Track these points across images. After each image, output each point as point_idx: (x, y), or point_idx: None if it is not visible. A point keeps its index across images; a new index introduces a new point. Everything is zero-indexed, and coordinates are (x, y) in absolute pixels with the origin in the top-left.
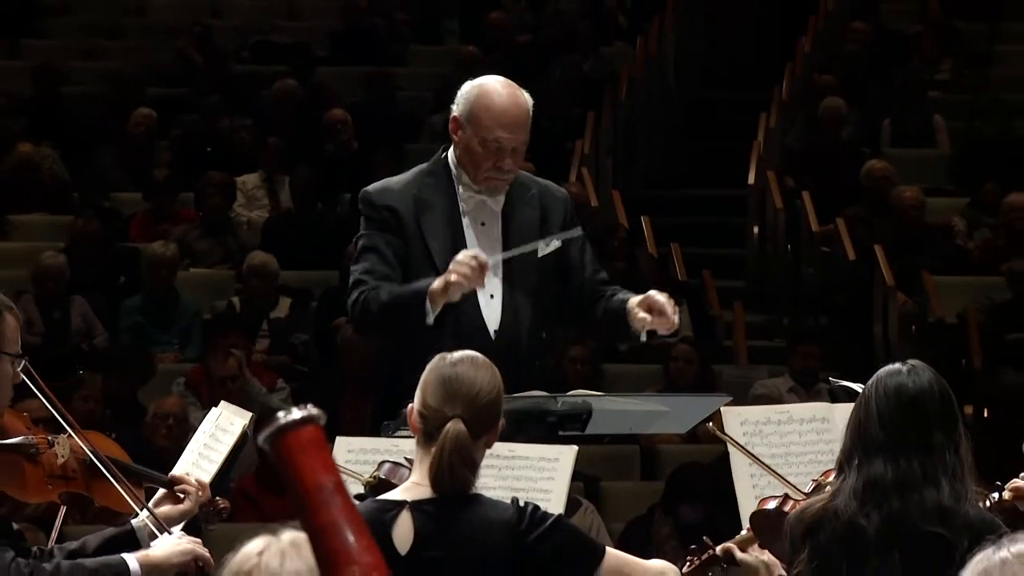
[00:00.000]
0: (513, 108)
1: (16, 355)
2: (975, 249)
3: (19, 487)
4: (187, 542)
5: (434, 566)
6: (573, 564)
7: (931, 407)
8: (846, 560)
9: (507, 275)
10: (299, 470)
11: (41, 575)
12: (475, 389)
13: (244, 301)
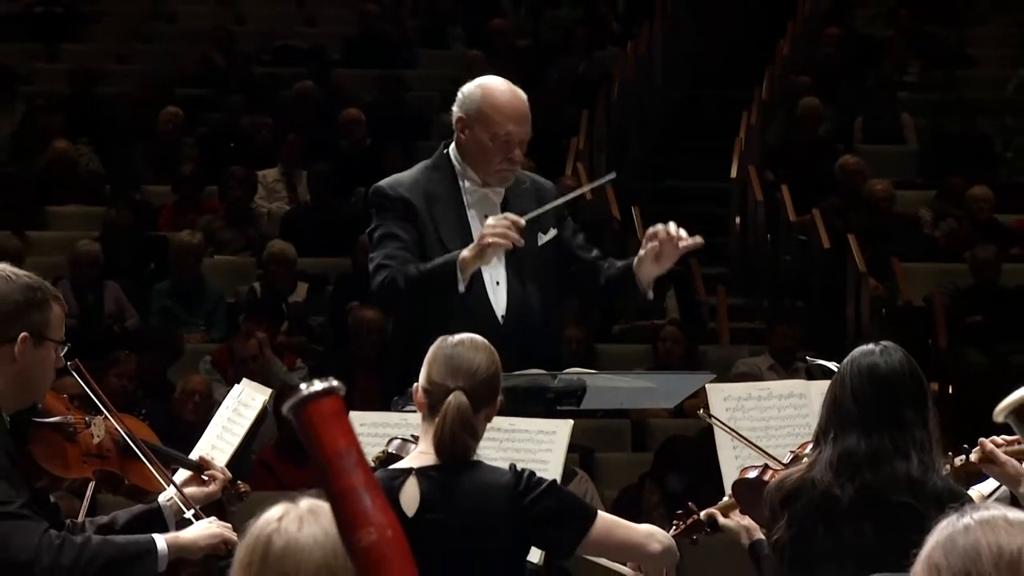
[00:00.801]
0: (518, 103)
1: (60, 342)
2: (941, 238)
3: (57, 464)
4: (216, 526)
5: (439, 526)
6: (567, 524)
7: (902, 385)
8: (822, 527)
9: (511, 263)
10: (321, 438)
11: (71, 546)
12: (475, 366)
13: (265, 286)
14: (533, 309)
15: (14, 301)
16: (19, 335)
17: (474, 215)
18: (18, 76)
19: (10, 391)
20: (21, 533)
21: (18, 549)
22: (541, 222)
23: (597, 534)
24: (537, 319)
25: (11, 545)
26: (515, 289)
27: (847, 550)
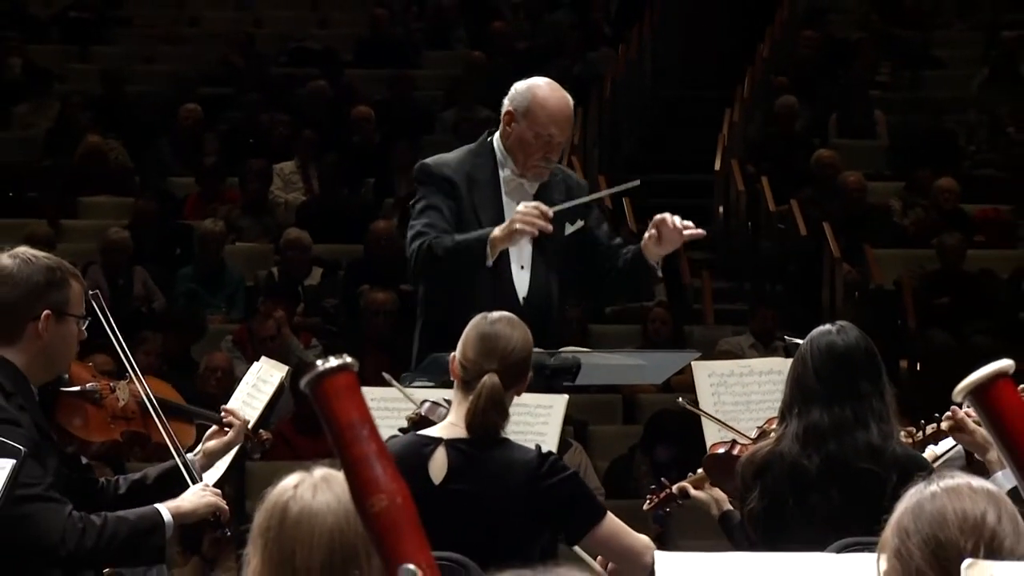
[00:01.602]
0: (565, 109)
1: (81, 316)
2: (910, 226)
3: (85, 428)
4: (211, 495)
5: (462, 497)
6: (577, 515)
7: (858, 360)
8: (792, 496)
9: (537, 250)
10: (335, 410)
11: (91, 528)
12: (510, 346)
13: (282, 271)
14: (551, 294)
15: (35, 282)
16: (42, 313)
17: (509, 202)
18: (53, 76)
19: (37, 365)
20: (46, 516)
21: (43, 532)
22: (569, 214)
23: (603, 533)
24: (553, 303)
25: (37, 528)
26: (538, 274)
27: (816, 516)
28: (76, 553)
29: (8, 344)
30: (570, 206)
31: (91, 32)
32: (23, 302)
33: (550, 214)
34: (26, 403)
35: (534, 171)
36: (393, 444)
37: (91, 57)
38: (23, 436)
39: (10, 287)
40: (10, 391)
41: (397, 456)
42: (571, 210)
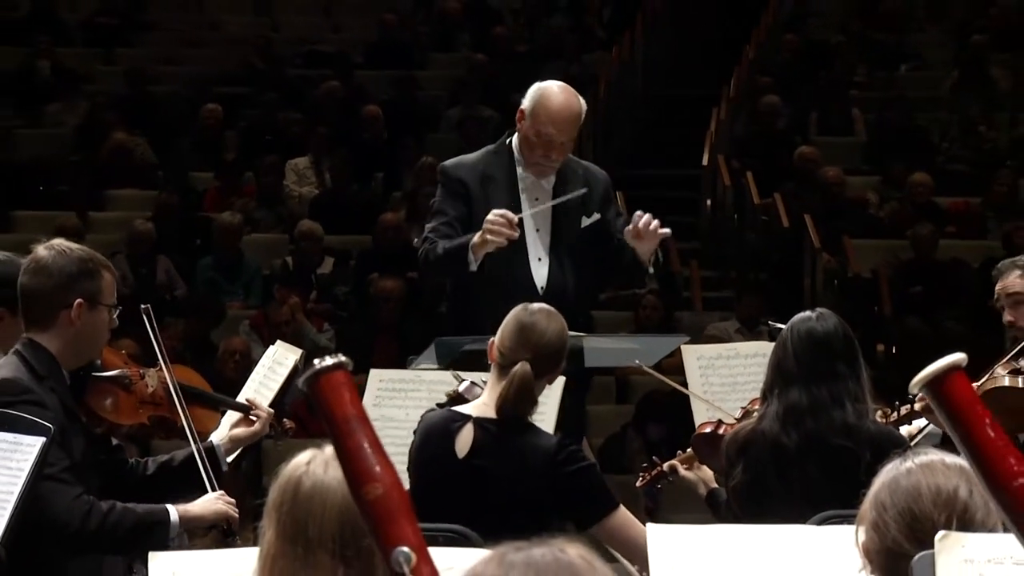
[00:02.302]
0: (565, 110)
1: (112, 305)
2: (885, 217)
3: (115, 411)
4: (222, 504)
5: (482, 472)
6: (590, 505)
7: (836, 345)
8: (773, 471)
9: (554, 243)
10: (331, 405)
11: (97, 514)
12: (545, 337)
13: (296, 260)
14: (570, 283)
15: (69, 272)
16: (75, 301)
17: (525, 199)
18: (81, 77)
19: (69, 351)
20: (57, 497)
21: (51, 511)
22: (586, 206)
23: (613, 523)
24: (573, 292)
25: (46, 507)
26: (555, 265)
27: (795, 489)
28: (79, 534)
29: (43, 330)
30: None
31: (116, 36)
32: (57, 291)
33: (515, 221)
34: (57, 387)
35: (535, 168)
36: (428, 416)
37: (117, 59)
38: (50, 417)
39: (45, 277)
40: (42, 375)
41: (429, 427)
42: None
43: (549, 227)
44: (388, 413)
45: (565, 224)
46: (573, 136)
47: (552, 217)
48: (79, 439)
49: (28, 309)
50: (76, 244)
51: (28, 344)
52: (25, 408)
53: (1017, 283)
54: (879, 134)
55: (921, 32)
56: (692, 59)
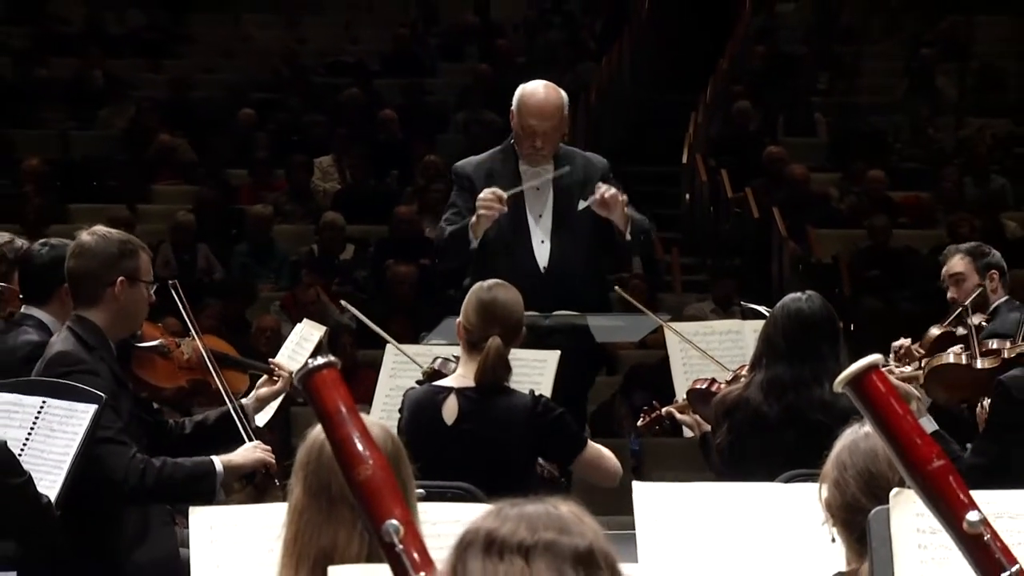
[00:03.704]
0: (542, 103)
1: (150, 282)
2: (845, 210)
3: (156, 376)
4: (260, 451)
5: (471, 435)
6: (565, 445)
7: (820, 327)
8: (753, 435)
9: (555, 226)
10: (323, 399)
11: (152, 469)
12: (507, 311)
13: (320, 248)
14: (573, 263)
15: (110, 253)
16: (117, 279)
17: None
18: (129, 84)
19: (114, 324)
20: (114, 456)
21: (111, 469)
22: (585, 191)
23: (586, 458)
24: (577, 271)
25: (105, 466)
26: (556, 247)
27: (772, 453)
28: (137, 489)
29: (90, 306)
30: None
31: (160, 48)
32: (101, 270)
33: (504, 196)
34: (105, 356)
35: (528, 157)
36: (411, 393)
37: (161, 68)
38: (102, 384)
39: (90, 258)
40: (93, 346)
41: (415, 402)
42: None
43: (551, 212)
44: (402, 383)
45: (565, 209)
46: (557, 125)
47: (553, 203)
48: (127, 402)
49: (76, 288)
50: (115, 230)
51: (77, 320)
52: (79, 377)
53: (959, 265)
54: (839, 135)
55: (876, 45)
56: (673, 69)
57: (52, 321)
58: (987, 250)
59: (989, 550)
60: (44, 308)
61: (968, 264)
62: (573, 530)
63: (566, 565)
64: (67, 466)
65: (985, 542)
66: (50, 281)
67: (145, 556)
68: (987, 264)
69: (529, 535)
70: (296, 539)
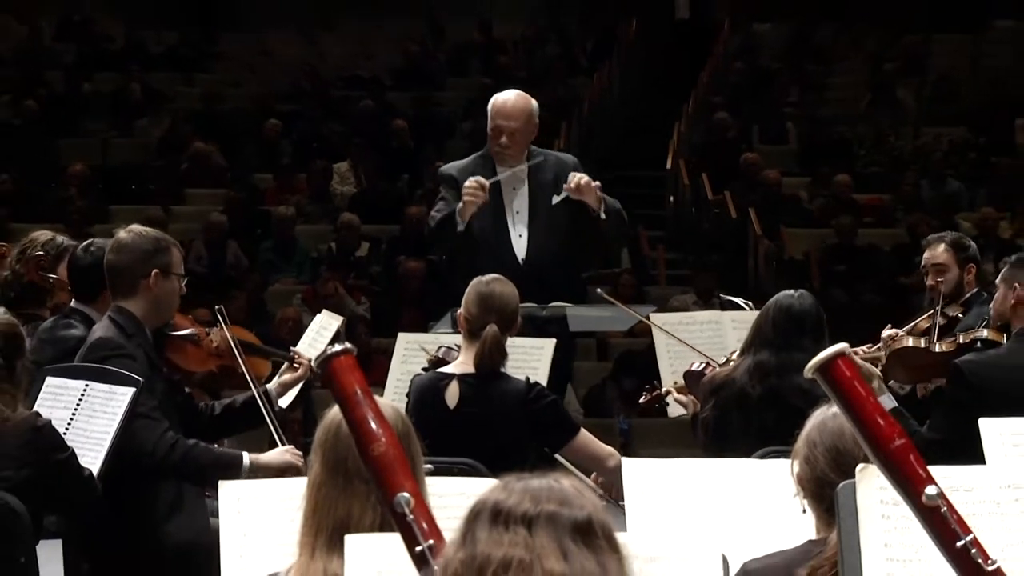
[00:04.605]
0: (508, 105)
1: (181, 275)
2: (815, 211)
3: (188, 361)
4: (290, 455)
5: (471, 418)
6: (557, 430)
7: (808, 322)
8: (736, 413)
9: (532, 221)
10: (341, 382)
11: (182, 446)
12: (503, 302)
13: (338, 245)
14: (549, 254)
15: (144, 249)
16: (152, 272)
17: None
18: (165, 97)
19: (149, 313)
20: (146, 430)
21: (142, 441)
22: (557, 188)
23: (577, 444)
24: (553, 262)
25: (138, 438)
26: (533, 240)
27: (752, 432)
28: (163, 463)
29: (128, 297)
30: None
31: (194, 63)
32: (137, 264)
33: (486, 184)
34: (142, 342)
35: (496, 156)
36: (417, 380)
37: (193, 83)
38: (137, 367)
39: (126, 254)
40: (131, 332)
41: (421, 388)
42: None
43: (527, 208)
44: (412, 368)
45: (539, 204)
46: (522, 127)
47: (528, 200)
48: (161, 384)
49: (114, 281)
50: (148, 228)
51: (116, 310)
52: (117, 361)
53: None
54: (808, 143)
55: (842, 62)
56: (658, 82)
57: (98, 316)
58: (968, 243)
59: (946, 521)
60: (91, 305)
61: (951, 256)
62: (573, 503)
63: (565, 535)
64: (108, 443)
65: (942, 514)
66: (96, 280)
67: (180, 525)
68: (967, 257)
69: (532, 507)
70: (315, 510)
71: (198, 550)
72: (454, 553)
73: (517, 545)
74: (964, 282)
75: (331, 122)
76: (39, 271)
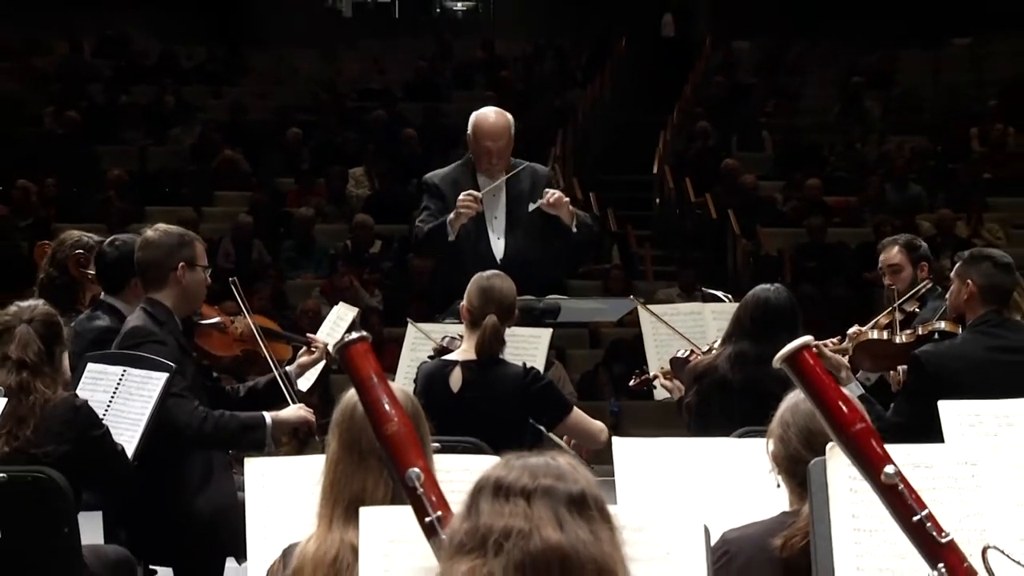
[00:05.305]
0: (492, 125)
1: (205, 267)
2: (788, 212)
3: (215, 347)
4: (304, 411)
5: (473, 400)
6: (553, 409)
7: (783, 314)
8: (717, 399)
9: (509, 225)
10: (357, 367)
11: (212, 419)
12: (502, 295)
13: (353, 243)
14: (523, 255)
15: (171, 244)
16: (179, 265)
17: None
18: (196, 108)
19: (179, 303)
20: (181, 408)
21: (177, 418)
22: (533, 195)
23: (570, 422)
24: (528, 260)
25: (173, 415)
26: (510, 242)
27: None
28: (199, 435)
29: (159, 289)
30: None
31: (222, 78)
32: (165, 258)
33: (479, 196)
34: (173, 330)
35: (487, 171)
36: (424, 367)
37: (221, 95)
38: (169, 352)
39: (155, 249)
40: (162, 321)
41: (428, 374)
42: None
43: (504, 214)
44: (420, 355)
45: (516, 211)
46: (506, 143)
47: (505, 206)
48: (190, 368)
49: (144, 275)
50: (173, 225)
51: (148, 301)
52: (150, 347)
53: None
54: (783, 150)
55: (814, 74)
56: (646, 95)
57: (125, 307)
58: (919, 243)
59: (903, 497)
60: (118, 297)
61: (904, 256)
62: (568, 477)
63: (561, 506)
64: (143, 424)
65: (900, 491)
66: (121, 273)
67: (209, 498)
68: (919, 256)
69: (531, 481)
70: (332, 485)
71: (226, 520)
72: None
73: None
74: (918, 279)
75: (347, 131)
76: (79, 267)
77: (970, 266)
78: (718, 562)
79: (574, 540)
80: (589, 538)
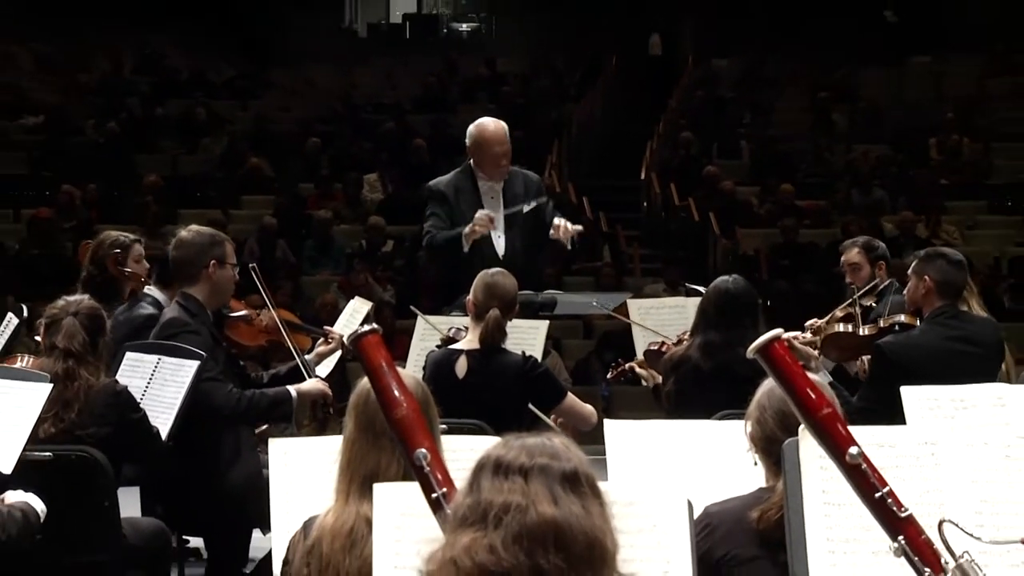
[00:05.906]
0: (496, 132)
1: (234, 264)
2: (764, 214)
3: (242, 337)
4: (322, 384)
5: (477, 386)
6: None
7: (743, 302)
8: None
9: (508, 225)
10: (369, 357)
11: (244, 398)
12: (505, 290)
13: (368, 243)
14: (520, 252)
15: (202, 243)
16: (210, 262)
17: (486, 200)
18: (225, 119)
19: (210, 297)
20: (216, 391)
21: (213, 400)
22: (526, 198)
23: (565, 405)
24: (523, 257)
25: (209, 398)
26: (509, 240)
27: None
28: (234, 413)
29: (192, 284)
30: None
31: (248, 91)
32: (197, 256)
33: (493, 215)
34: (205, 321)
35: (498, 175)
36: (432, 355)
37: (248, 108)
38: (201, 341)
39: (188, 247)
40: (195, 313)
41: (435, 361)
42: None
43: (503, 215)
44: (428, 345)
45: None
46: (510, 147)
47: (503, 208)
48: (222, 355)
49: (178, 272)
50: (204, 227)
51: (183, 296)
52: (185, 337)
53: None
54: (759, 158)
55: (787, 88)
56: (634, 108)
57: (165, 299)
58: (877, 244)
59: (866, 476)
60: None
61: (862, 256)
62: (562, 456)
63: (556, 483)
64: (177, 407)
65: (863, 470)
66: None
67: (237, 474)
68: (877, 256)
69: (528, 460)
70: (349, 463)
71: (253, 495)
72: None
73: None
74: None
75: (362, 141)
76: (116, 266)
77: (926, 263)
78: (700, 534)
79: (567, 514)
80: (581, 512)
